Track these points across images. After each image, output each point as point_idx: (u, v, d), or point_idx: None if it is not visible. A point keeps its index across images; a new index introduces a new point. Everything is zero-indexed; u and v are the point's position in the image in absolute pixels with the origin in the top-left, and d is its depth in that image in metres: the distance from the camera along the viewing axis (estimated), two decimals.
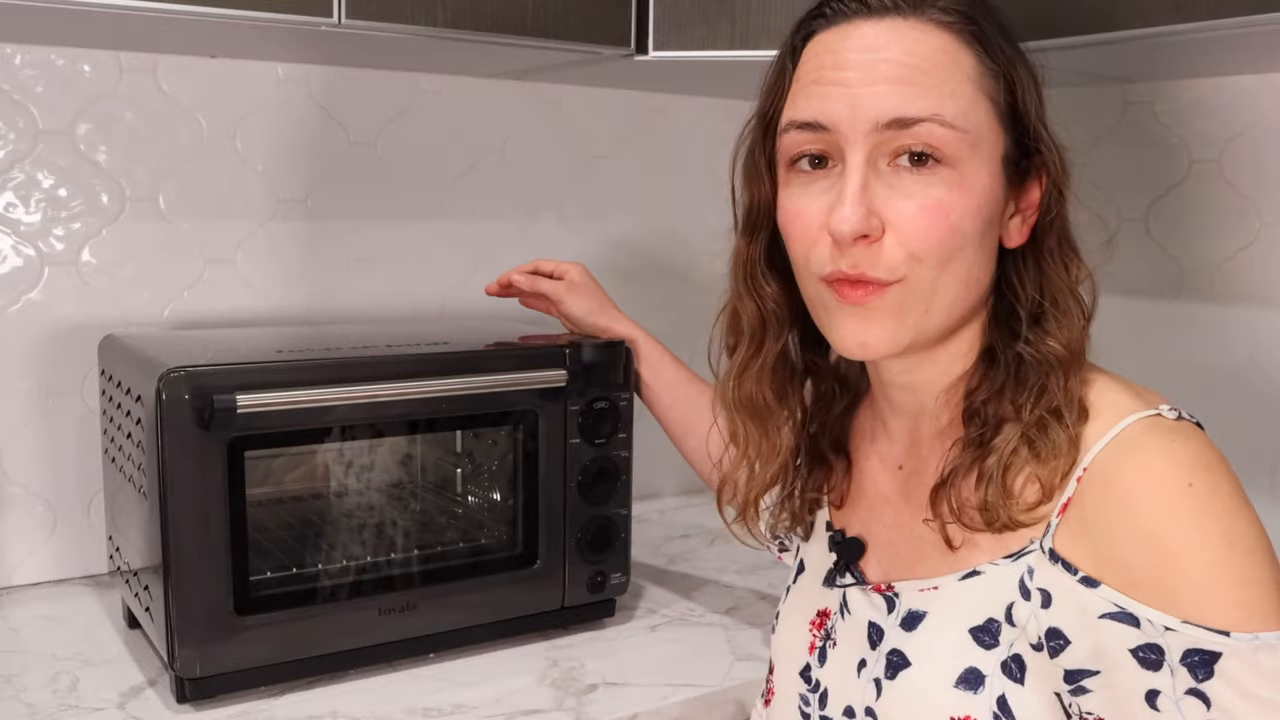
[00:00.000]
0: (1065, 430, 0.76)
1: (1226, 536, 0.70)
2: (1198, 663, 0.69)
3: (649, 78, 1.58)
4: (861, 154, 0.77)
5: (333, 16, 1.14)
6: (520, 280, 1.31)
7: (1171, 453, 0.72)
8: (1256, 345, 1.41)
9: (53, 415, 1.38)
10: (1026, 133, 0.80)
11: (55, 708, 1.06)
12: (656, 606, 1.35)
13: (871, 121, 0.76)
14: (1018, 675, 0.77)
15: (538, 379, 1.18)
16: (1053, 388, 0.78)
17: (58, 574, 1.40)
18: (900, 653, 0.83)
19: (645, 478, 1.44)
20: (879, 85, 0.76)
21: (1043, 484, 0.77)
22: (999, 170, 0.79)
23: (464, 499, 1.38)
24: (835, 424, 0.97)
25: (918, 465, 0.88)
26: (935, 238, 0.76)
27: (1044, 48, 0.96)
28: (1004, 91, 0.79)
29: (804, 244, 0.81)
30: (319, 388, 1.07)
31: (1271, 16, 1.00)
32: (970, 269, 0.79)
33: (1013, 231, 0.82)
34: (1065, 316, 0.80)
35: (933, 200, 0.76)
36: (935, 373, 0.85)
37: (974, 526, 0.80)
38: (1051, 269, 0.81)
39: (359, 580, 1.15)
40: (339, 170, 1.53)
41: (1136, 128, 1.52)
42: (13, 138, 1.33)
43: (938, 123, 0.75)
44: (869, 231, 0.76)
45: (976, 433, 0.81)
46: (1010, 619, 0.78)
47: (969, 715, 0.78)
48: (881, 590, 0.87)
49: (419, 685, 1.13)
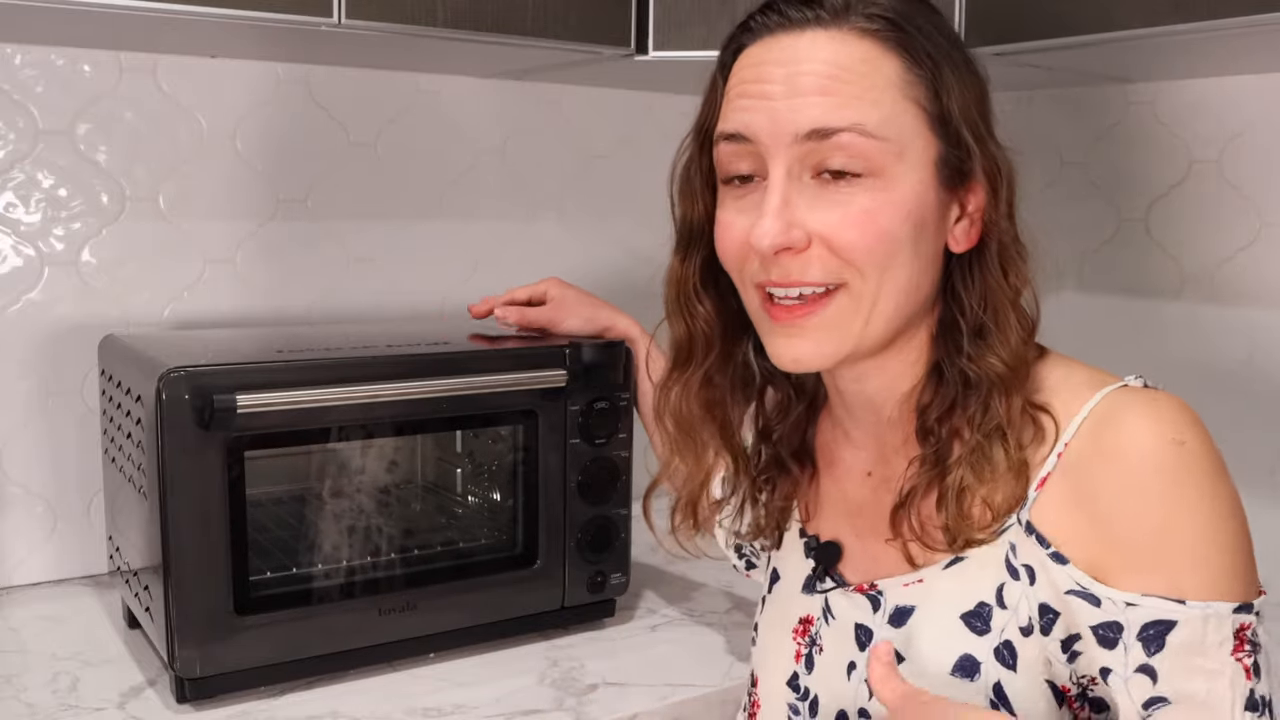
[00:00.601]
0: (1008, 450, 0.77)
1: (1215, 499, 0.72)
2: (1152, 636, 0.71)
3: (649, 78, 1.58)
4: (783, 166, 0.77)
5: (333, 16, 1.14)
6: (509, 316, 1.27)
7: (1157, 414, 0.73)
8: (1256, 345, 1.41)
9: (53, 415, 1.38)
10: (954, 136, 0.79)
11: (55, 708, 1.06)
12: (656, 606, 1.35)
13: (791, 133, 0.76)
14: (1010, 662, 0.77)
15: (538, 379, 1.18)
16: (994, 407, 0.78)
17: (58, 574, 1.40)
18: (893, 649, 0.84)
19: (645, 478, 1.44)
20: (798, 97, 0.76)
21: (990, 507, 0.77)
22: (931, 175, 0.78)
23: (464, 499, 1.38)
24: (794, 432, 0.96)
25: (887, 473, 0.88)
26: (865, 244, 0.76)
27: (1045, 48, 0.96)
28: (931, 96, 0.78)
29: (735, 259, 0.82)
30: (319, 388, 1.07)
31: (1271, 16, 1.00)
32: (910, 276, 0.78)
33: (959, 235, 0.81)
34: (1004, 331, 0.80)
35: (857, 209, 0.76)
36: (886, 380, 0.85)
37: (935, 546, 0.81)
38: (993, 279, 0.81)
39: (359, 580, 1.15)
40: (339, 170, 1.53)
41: (1136, 128, 1.52)
42: (13, 138, 1.33)
43: (858, 132, 0.75)
44: (791, 244, 0.77)
45: (931, 450, 0.82)
46: (1001, 601, 0.78)
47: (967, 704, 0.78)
48: (864, 590, 0.87)
49: (419, 685, 1.13)
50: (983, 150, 0.79)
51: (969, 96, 0.79)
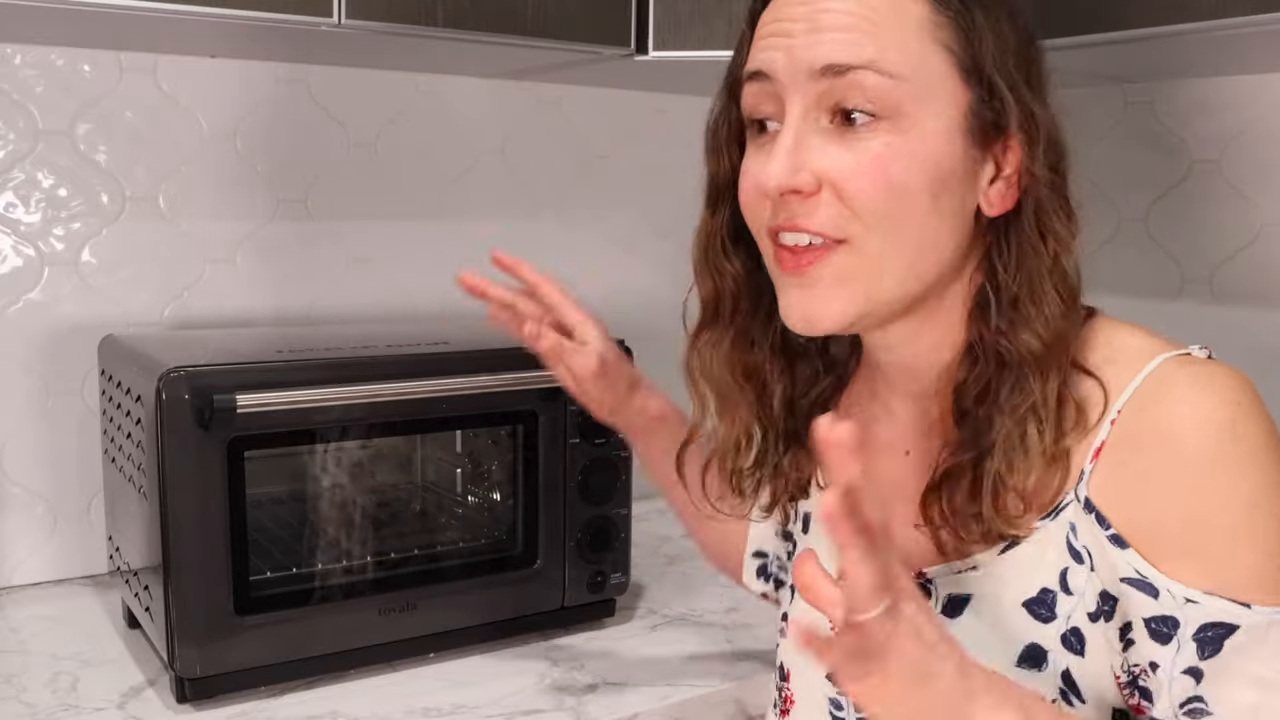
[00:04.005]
0: (1042, 434, 0.73)
1: (1267, 487, 0.67)
2: (1209, 638, 0.68)
3: (649, 78, 1.58)
4: (799, 105, 0.74)
5: (333, 16, 1.14)
6: (538, 339, 1.04)
7: (1215, 389, 0.69)
8: (1256, 345, 1.41)
9: (53, 415, 1.38)
10: (988, 86, 0.74)
11: (55, 708, 1.06)
12: (656, 606, 1.35)
13: (806, 69, 0.73)
14: (1078, 648, 0.74)
15: (538, 379, 1.18)
16: (1029, 388, 0.74)
17: (58, 574, 1.40)
18: None
19: (645, 478, 1.44)
20: (816, 34, 0.73)
21: (1024, 497, 0.74)
22: (959, 126, 0.74)
23: (464, 499, 1.38)
24: (817, 407, 0.91)
25: (928, 449, 0.82)
26: (873, 193, 0.72)
27: (1044, 48, 0.95)
28: (963, 41, 0.74)
29: (749, 205, 0.79)
30: (319, 388, 1.07)
31: (1271, 16, 1.00)
32: (923, 233, 0.74)
33: (994, 197, 0.76)
34: (1039, 304, 0.74)
35: (870, 155, 0.72)
36: (923, 350, 0.80)
37: (969, 537, 0.77)
38: (1028, 244, 0.75)
39: (359, 580, 1.15)
40: (339, 170, 1.53)
41: (1136, 128, 1.52)
42: (13, 138, 1.33)
43: (873, 70, 0.71)
44: (799, 186, 0.73)
45: (968, 434, 0.77)
46: (1066, 587, 0.74)
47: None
48: (912, 578, 0.80)
49: (419, 685, 1.13)
50: (1019, 102, 0.74)
51: (1007, 46, 0.75)
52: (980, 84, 0.74)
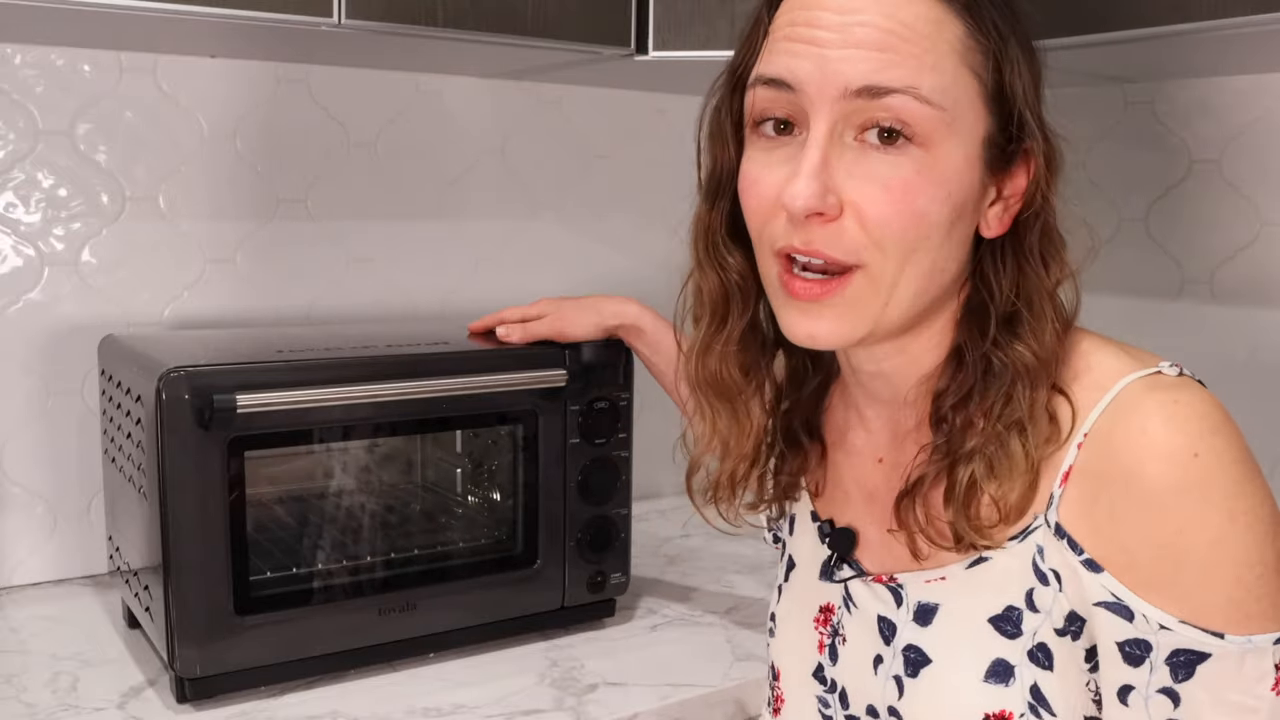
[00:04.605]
0: (1025, 446, 0.73)
1: (1231, 515, 0.67)
2: (1181, 663, 0.68)
3: (649, 78, 1.58)
4: (826, 123, 0.71)
5: (333, 16, 1.14)
6: (513, 335, 1.23)
7: (1175, 417, 0.69)
8: (1256, 345, 1.41)
9: (53, 415, 1.38)
10: (1012, 116, 0.74)
11: (55, 708, 1.06)
12: (656, 606, 1.35)
13: (840, 87, 0.70)
14: (1045, 663, 0.74)
15: (538, 379, 1.18)
16: (1018, 398, 0.74)
17: (58, 574, 1.40)
18: (918, 649, 0.80)
19: (645, 478, 1.44)
20: (852, 49, 0.70)
21: (1000, 507, 0.74)
22: (978, 153, 0.73)
23: (464, 499, 1.38)
24: (807, 404, 0.91)
25: (899, 459, 0.83)
26: (899, 224, 0.71)
27: (1044, 48, 0.95)
28: (992, 69, 0.72)
29: (760, 216, 0.76)
30: (319, 388, 1.07)
31: (1271, 16, 1.00)
32: (936, 260, 0.73)
33: (992, 220, 0.76)
34: (1038, 321, 0.75)
35: (899, 181, 0.71)
36: (906, 361, 0.80)
37: (941, 543, 0.77)
38: (1030, 267, 0.76)
39: (359, 580, 1.15)
40: (339, 170, 1.53)
41: (1136, 128, 1.52)
42: (13, 138, 1.33)
43: (912, 96, 0.69)
44: (825, 209, 0.71)
45: (943, 440, 0.77)
46: (1032, 605, 0.74)
47: (1004, 710, 0.75)
48: (884, 582, 0.83)
49: (419, 685, 1.13)
50: (1043, 133, 0.74)
51: (1032, 76, 0.74)
52: (1001, 112, 0.74)
